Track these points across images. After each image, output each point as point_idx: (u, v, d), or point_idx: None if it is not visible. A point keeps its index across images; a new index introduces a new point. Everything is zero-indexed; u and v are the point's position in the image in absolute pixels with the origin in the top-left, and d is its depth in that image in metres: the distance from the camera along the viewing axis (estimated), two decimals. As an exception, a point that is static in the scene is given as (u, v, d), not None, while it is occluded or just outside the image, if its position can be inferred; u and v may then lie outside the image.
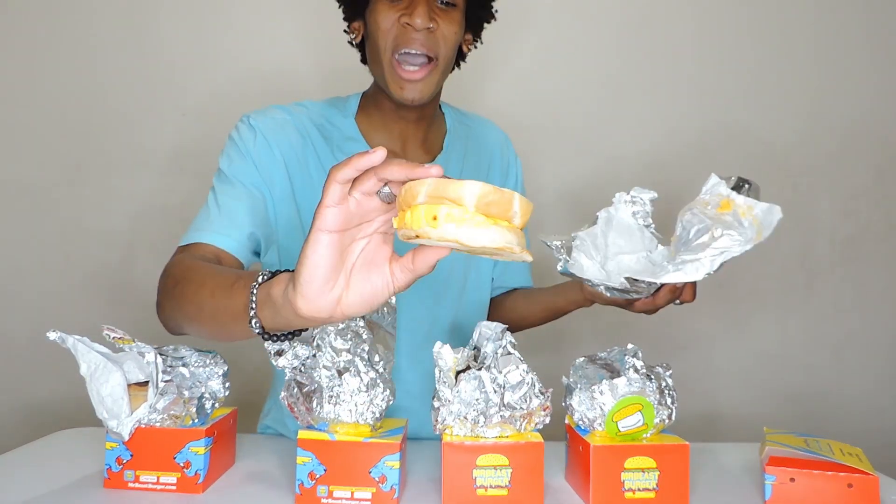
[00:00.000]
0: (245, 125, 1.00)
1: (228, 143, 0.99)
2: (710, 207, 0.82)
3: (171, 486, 0.75)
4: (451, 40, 0.97)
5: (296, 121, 1.02)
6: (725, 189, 0.82)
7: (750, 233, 0.77)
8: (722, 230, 0.77)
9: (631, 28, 1.76)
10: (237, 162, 0.97)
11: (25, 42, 1.65)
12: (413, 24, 0.92)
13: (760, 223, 0.78)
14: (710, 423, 1.75)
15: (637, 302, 0.88)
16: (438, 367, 0.74)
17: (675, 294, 0.86)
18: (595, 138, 1.75)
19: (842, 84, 1.79)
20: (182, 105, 1.68)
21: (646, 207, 0.89)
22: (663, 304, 0.87)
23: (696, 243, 0.79)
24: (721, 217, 0.80)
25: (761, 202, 0.80)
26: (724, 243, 0.77)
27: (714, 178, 0.84)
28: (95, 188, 1.67)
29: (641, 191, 0.89)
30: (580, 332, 1.74)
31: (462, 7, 0.99)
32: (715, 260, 0.77)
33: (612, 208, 0.89)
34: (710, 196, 0.83)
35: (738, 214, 0.80)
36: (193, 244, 0.90)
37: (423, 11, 0.92)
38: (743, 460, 0.90)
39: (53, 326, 0.74)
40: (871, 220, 1.80)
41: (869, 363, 1.80)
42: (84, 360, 0.74)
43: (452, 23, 0.97)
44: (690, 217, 0.82)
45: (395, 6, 0.94)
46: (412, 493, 0.77)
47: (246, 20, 1.70)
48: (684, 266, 0.78)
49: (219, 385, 0.80)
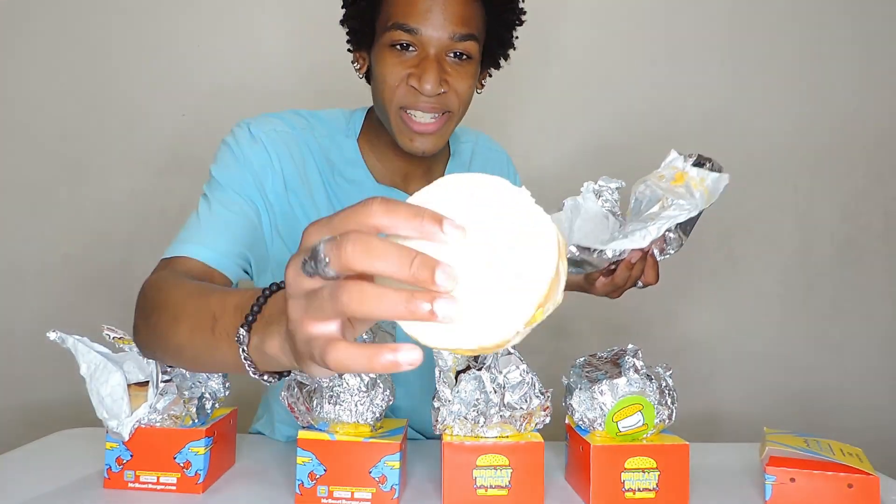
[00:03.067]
0: (243, 131, 0.91)
1: (223, 149, 0.91)
2: (664, 181, 0.84)
3: (171, 486, 0.75)
4: (465, 95, 0.88)
5: (297, 135, 0.94)
6: (682, 163, 0.85)
7: (699, 202, 0.80)
8: (672, 200, 0.80)
9: (630, 25, 1.76)
10: (232, 169, 0.88)
11: (25, 43, 1.65)
12: (422, 91, 0.83)
13: (710, 192, 0.81)
14: (710, 423, 1.75)
15: (596, 282, 0.86)
16: (438, 367, 0.74)
17: (633, 270, 0.83)
18: (591, 133, 1.75)
19: (842, 84, 1.79)
20: (182, 105, 1.68)
21: (613, 196, 0.90)
22: (622, 281, 0.84)
23: (646, 214, 0.82)
24: (673, 189, 0.82)
25: (713, 173, 0.82)
26: (672, 212, 0.79)
27: (673, 153, 0.86)
28: (95, 188, 1.67)
29: (608, 180, 0.90)
30: (580, 332, 1.74)
31: (478, 56, 0.88)
32: (661, 227, 0.79)
33: (579, 197, 0.90)
34: (666, 170, 0.85)
35: (691, 186, 0.82)
36: (178, 258, 0.80)
37: (432, 77, 0.82)
38: (743, 460, 0.90)
39: (53, 326, 0.74)
40: (871, 221, 1.80)
41: (869, 363, 1.80)
42: (84, 360, 0.74)
43: (467, 77, 0.87)
44: (643, 188, 0.84)
45: (403, 61, 0.85)
46: (412, 493, 0.77)
47: (246, 20, 1.70)
48: (633, 234, 0.80)
49: (219, 385, 0.80)
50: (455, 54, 0.85)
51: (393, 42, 0.84)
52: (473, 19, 0.86)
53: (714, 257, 1.77)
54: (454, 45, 0.84)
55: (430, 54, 0.84)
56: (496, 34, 0.92)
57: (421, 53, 0.85)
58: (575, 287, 0.90)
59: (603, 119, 1.76)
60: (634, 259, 0.82)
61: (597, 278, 0.86)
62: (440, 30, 0.83)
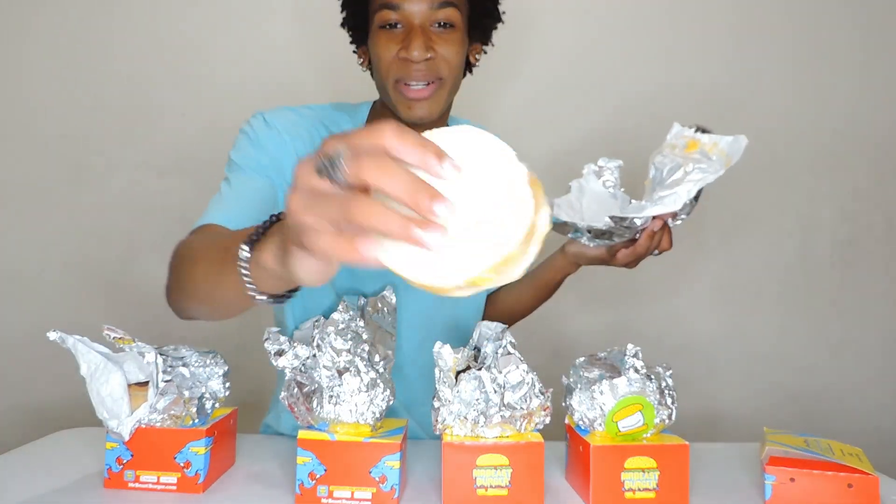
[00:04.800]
0: (258, 119, 0.99)
1: (240, 136, 0.99)
2: (677, 150, 0.88)
3: (171, 486, 0.75)
4: (453, 62, 0.94)
5: (308, 124, 1.01)
6: (689, 132, 0.89)
7: (718, 164, 0.84)
8: (693, 165, 0.84)
9: (629, 21, 1.76)
10: (248, 150, 0.96)
11: (25, 43, 1.65)
12: (411, 58, 0.90)
13: (728, 154, 0.85)
14: (710, 423, 1.75)
15: (619, 254, 0.91)
16: (438, 367, 0.74)
17: (654, 241, 0.89)
18: (588, 127, 1.75)
19: (842, 84, 1.79)
20: (182, 105, 1.68)
21: (614, 175, 0.94)
22: (643, 251, 0.90)
23: (671, 180, 0.85)
24: (690, 156, 0.86)
25: (725, 137, 0.86)
26: (697, 176, 0.83)
27: (676, 126, 0.91)
28: (95, 188, 1.67)
29: (608, 160, 0.94)
30: (580, 332, 1.74)
31: (462, 25, 0.95)
32: (691, 191, 0.83)
33: (582, 179, 0.94)
34: (677, 140, 0.89)
35: (706, 151, 0.86)
36: (204, 225, 0.88)
37: (419, 44, 0.90)
38: (743, 460, 0.90)
39: (53, 326, 0.74)
40: (871, 221, 1.80)
41: (869, 363, 1.80)
42: (84, 360, 0.74)
43: (453, 44, 0.94)
44: (661, 159, 0.88)
45: (392, 38, 0.92)
46: (412, 493, 0.77)
47: (246, 20, 1.70)
48: (663, 200, 0.84)
49: (219, 385, 0.80)
50: (439, 24, 0.93)
51: (382, 23, 0.93)
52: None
53: (714, 257, 1.77)
54: (436, 14, 0.92)
55: (415, 25, 0.92)
56: (479, 4, 0.98)
57: (407, 27, 0.92)
58: (596, 260, 0.95)
59: (600, 116, 1.76)
60: (657, 227, 0.87)
61: (619, 249, 0.91)
62: (420, 2, 0.91)
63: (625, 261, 0.92)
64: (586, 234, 0.91)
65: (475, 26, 1.00)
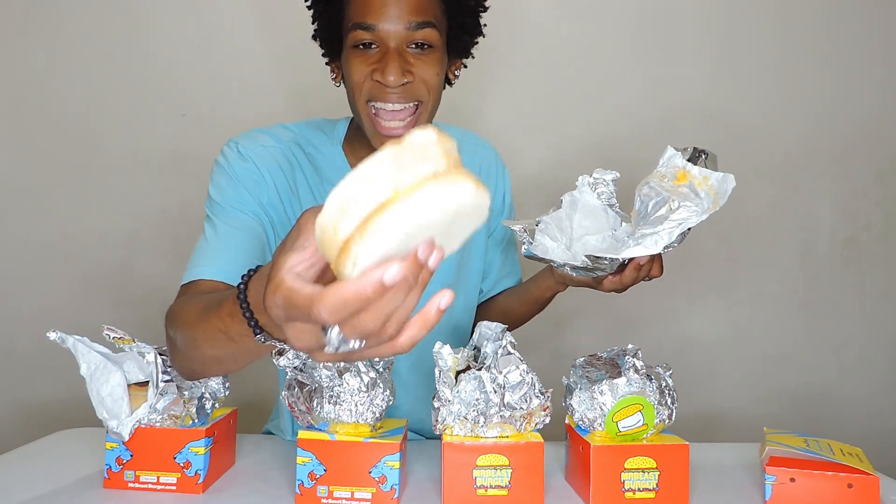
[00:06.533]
0: (233, 151, 0.94)
1: (217, 171, 0.94)
2: (666, 180, 0.84)
3: (171, 486, 0.75)
4: (432, 83, 0.88)
5: (284, 148, 0.97)
6: (681, 160, 0.84)
7: (706, 203, 0.80)
8: (679, 202, 0.80)
9: (625, 22, 1.76)
10: (228, 189, 0.91)
11: (25, 43, 1.65)
12: (385, 83, 0.84)
13: (716, 192, 0.80)
14: (710, 423, 1.75)
15: (605, 281, 0.88)
16: (438, 367, 0.74)
17: (641, 270, 0.85)
18: (585, 132, 1.75)
19: (842, 85, 1.79)
20: (182, 105, 1.68)
21: (609, 188, 0.90)
22: (630, 281, 0.86)
23: (655, 216, 0.81)
24: (677, 189, 0.82)
25: (716, 172, 0.82)
26: (682, 215, 0.79)
27: (670, 150, 0.86)
28: (95, 188, 1.67)
29: (603, 172, 0.91)
30: (580, 332, 1.74)
31: (441, 44, 0.89)
32: (673, 232, 0.79)
33: (576, 192, 0.91)
34: (667, 168, 0.85)
35: (695, 185, 0.82)
36: (193, 282, 0.83)
37: (395, 68, 0.84)
38: (743, 460, 0.90)
39: (53, 326, 0.74)
40: (871, 221, 1.80)
41: (869, 363, 1.80)
42: (84, 360, 0.74)
43: (431, 65, 0.87)
44: (648, 190, 0.84)
45: (366, 59, 0.86)
46: (412, 493, 0.77)
47: (247, 21, 1.69)
48: (644, 240, 0.80)
49: (219, 385, 0.80)
50: (416, 45, 0.86)
51: (355, 42, 0.87)
52: (430, 7, 0.87)
53: (714, 257, 1.77)
54: (413, 36, 0.86)
55: (391, 48, 0.85)
56: (458, 21, 0.92)
57: (382, 48, 0.86)
58: (583, 283, 0.91)
59: (599, 120, 1.76)
60: (643, 261, 0.84)
61: (605, 277, 0.87)
62: (396, 22, 0.85)
63: (611, 288, 0.88)
64: (568, 267, 0.88)
65: (454, 43, 0.94)
